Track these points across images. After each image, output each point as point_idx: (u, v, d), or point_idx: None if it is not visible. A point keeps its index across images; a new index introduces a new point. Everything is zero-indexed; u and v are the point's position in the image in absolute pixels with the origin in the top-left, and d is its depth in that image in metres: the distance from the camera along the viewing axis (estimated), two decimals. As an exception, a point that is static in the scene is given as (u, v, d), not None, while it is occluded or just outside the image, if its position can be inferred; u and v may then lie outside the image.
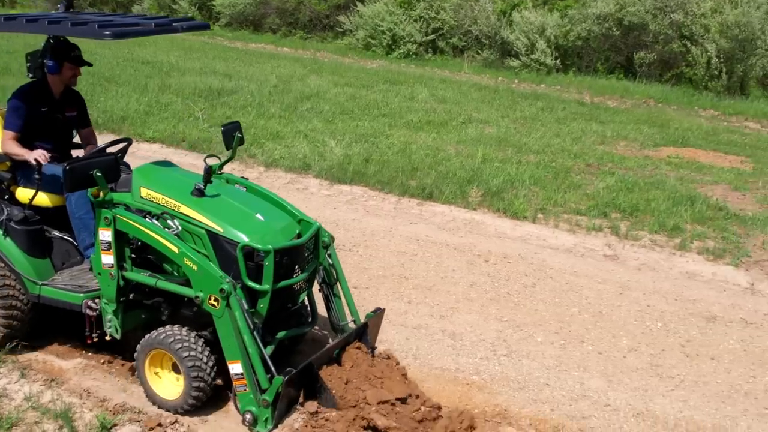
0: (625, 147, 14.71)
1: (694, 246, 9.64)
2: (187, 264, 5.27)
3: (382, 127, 14.88)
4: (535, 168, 12.47)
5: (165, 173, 6.04)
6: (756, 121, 18.52)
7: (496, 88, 20.31)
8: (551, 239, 9.74)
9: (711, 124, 17.51)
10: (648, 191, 11.47)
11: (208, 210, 5.52)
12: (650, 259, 9.30)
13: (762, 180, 12.63)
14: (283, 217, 5.87)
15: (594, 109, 18.46)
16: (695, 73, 21.13)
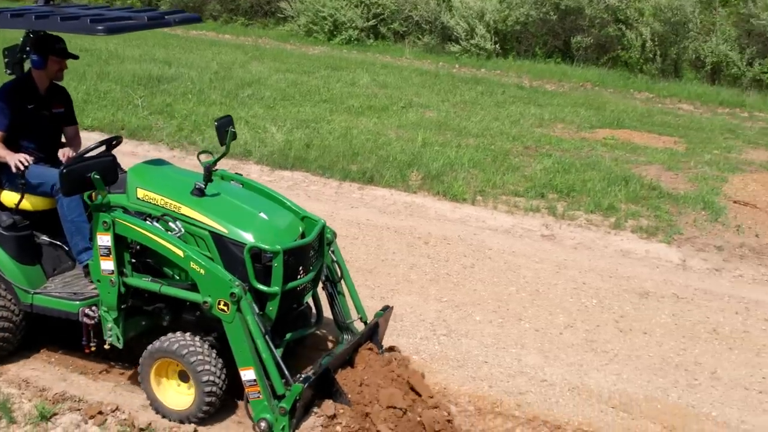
0: (562, 129, 14.95)
1: (629, 225, 9.89)
2: (194, 268, 5.03)
3: (323, 113, 14.92)
4: (475, 151, 12.63)
5: (161, 172, 5.80)
6: (689, 102, 18.93)
7: (436, 73, 20.44)
8: (490, 221, 9.91)
9: (646, 106, 17.86)
10: (584, 172, 11.69)
11: (210, 210, 5.31)
12: (586, 238, 9.52)
13: (694, 160, 12.95)
14: (285, 215, 5.66)
15: (532, 92, 18.69)
16: (630, 57, 21.48)
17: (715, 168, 12.51)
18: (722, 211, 10.43)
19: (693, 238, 9.65)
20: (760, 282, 8.65)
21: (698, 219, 10.18)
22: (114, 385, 5.90)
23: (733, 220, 10.21)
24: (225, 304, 4.92)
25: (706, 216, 10.28)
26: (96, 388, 5.85)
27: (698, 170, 12.36)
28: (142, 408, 5.55)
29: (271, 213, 5.51)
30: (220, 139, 5.97)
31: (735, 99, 19.07)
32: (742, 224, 10.08)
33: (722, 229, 9.97)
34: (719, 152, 13.73)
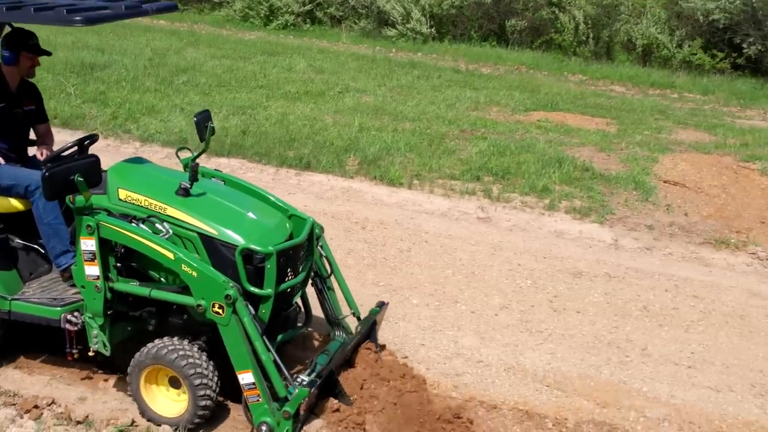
0: (497, 112, 15.09)
1: (562, 206, 10.05)
2: (186, 271, 4.87)
3: (259, 99, 14.82)
4: (411, 135, 12.68)
5: (143, 172, 5.59)
6: (621, 84, 19.25)
7: (373, 58, 20.42)
8: (426, 204, 9.99)
9: (579, 89, 18.11)
10: (519, 155, 11.83)
11: (197, 211, 5.15)
12: (521, 219, 9.66)
13: (625, 141, 13.19)
14: (273, 213, 5.52)
15: (468, 76, 18.80)
16: (564, 40, 21.76)
17: (646, 148, 12.75)
18: (653, 190, 10.66)
19: (625, 218, 9.85)
20: (689, 259, 8.88)
21: (630, 199, 10.39)
22: (49, 378, 5.82)
23: (663, 200, 10.44)
24: (220, 307, 4.78)
25: (637, 196, 10.50)
26: (31, 382, 5.77)
27: (629, 151, 12.58)
28: (79, 401, 5.51)
29: (259, 212, 5.38)
30: (200, 134, 5.83)
31: (665, 80, 19.45)
32: (671, 203, 10.32)
33: (653, 208, 10.19)
34: (650, 133, 13.99)
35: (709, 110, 17.01)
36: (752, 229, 9.88)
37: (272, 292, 4.98)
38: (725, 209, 10.41)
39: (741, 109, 17.63)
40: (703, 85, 19.34)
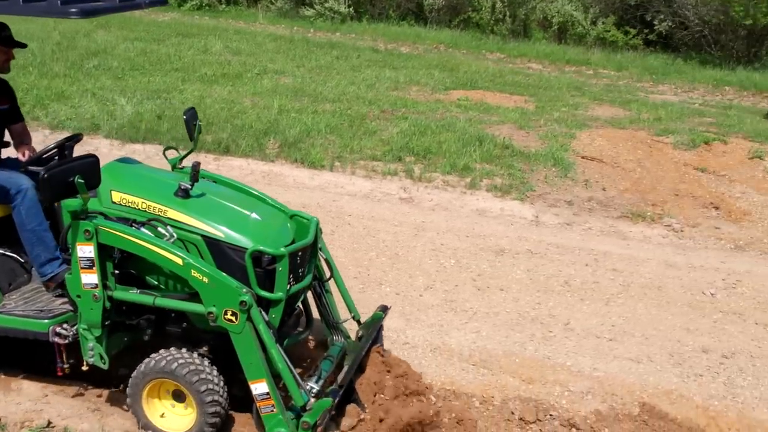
0: (417, 92, 15.12)
1: (484, 184, 10.14)
2: (196, 276, 4.59)
3: (175, 82, 14.55)
4: (331, 116, 12.62)
5: (135, 172, 5.31)
6: (538, 61, 19.50)
7: (291, 38, 20.24)
8: (349, 186, 9.97)
9: (497, 67, 18.27)
10: (440, 134, 11.88)
11: (199, 213, 4.88)
12: (443, 199, 9.72)
13: (544, 118, 13.36)
14: (276, 214, 5.28)
15: (387, 55, 18.79)
16: (481, 18, 21.91)
17: (564, 125, 12.93)
18: (571, 166, 10.83)
19: (545, 195, 9.99)
20: (608, 234, 9.07)
21: (549, 175, 10.54)
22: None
23: (581, 175, 10.62)
24: (233, 314, 4.53)
25: (556, 172, 10.65)
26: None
27: (548, 128, 12.74)
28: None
29: (262, 213, 5.13)
30: (189, 133, 5.55)
31: (580, 57, 19.78)
32: (589, 179, 10.51)
33: (572, 184, 10.36)
34: (567, 110, 14.20)
35: (624, 86, 17.37)
36: (667, 201, 10.14)
37: (283, 296, 4.76)
38: (641, 183, 10.66)
39: (653, 84, 18.05)
40: (617, 61, 19.74)
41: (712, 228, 9.60)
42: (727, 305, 7.49)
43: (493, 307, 7.13)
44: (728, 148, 12.23)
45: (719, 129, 13.43)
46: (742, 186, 11.07)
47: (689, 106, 15.89)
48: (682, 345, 6.66)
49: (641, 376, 6.12)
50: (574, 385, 5.94)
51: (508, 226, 9.05)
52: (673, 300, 7.51)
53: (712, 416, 5.67)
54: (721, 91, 18.58)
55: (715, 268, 8.40)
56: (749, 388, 6.05)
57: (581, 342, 6.60)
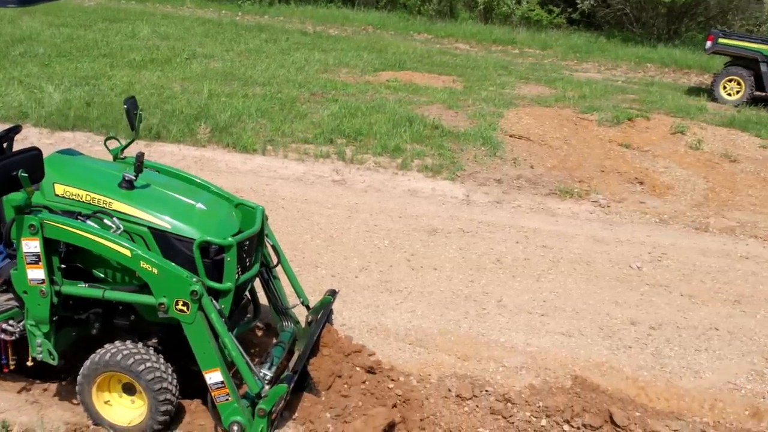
0: (347, 74, 15.14)
1: (415, 164, 10.25)
2: (145, 268, 4.51)
3: (103, 68, 14.31)
4: (262, 100, 12.59)
5: (77, 164, 5.13)
6: (464, 41, 19.69)
7: (219, 22, 20.07)
8: (281, 170, 9.97)
9: (425, 47, 18.39)
10: (370, 115, 11.94)
11: (145, 204, 4.78)
12: (375, 180, 9.79)
13: (472, 97, 13.52)
14: (221, 203, 5.19)
15: (316, 38, 18.76)
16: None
17: (492, 104, 13.12)
18: (500, 145, 11.01)
19: (475, 173, 10.14)
20: (537, 211, 9.26)
21: (478, 155, 10.69)
22: None
23: (510, 154, 10.81)
24: (184, 304, 4.48)
25: (485, 151, 10.81)
26: None
27: (476, 107, 12.91)
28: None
29: (208, 203, 5.03)
30: (131, 122, 5.40)
31: (506, 37, 20.03)
32: (518, 157, 10.70)
33: (501, 162, 10.53)
34: (494, 89, 14.39)
35: (549, 64, 17.66)
36: (593, 178, 10.39)
37: (233, 286, 4.72)
38: (567, 160, 10.89)
39: (578, 62, 18.38)
40: (541, 40, 20.02)
41: (638, 203, 9.88)
42: (653, 278, 7.73)
43: (428, 286, 7.23)
44: (651, 124, 12.57)
45: (642, 105, 13.80)
46: (665, 161, 11.41)
47: (612, 83, 16.26)
48: (611, 318, 6.86)
49: (573, 349, 6.28)
50: (508, 361, 6.07)
51: (440, 206, 9.17)
52: (601, 274, 7.72)
53: (641, 386, 5.85)
54: (643, 68, 19.03)
55: (641, 241, 8.65)
56: (676, 358, 6.26)
57: (514, 318, 6.75)
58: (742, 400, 5.78)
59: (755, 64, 15.86)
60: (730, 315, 7.08)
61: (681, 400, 5.73)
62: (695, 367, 6.15)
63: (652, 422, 5.36)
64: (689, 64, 19.94)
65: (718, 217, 9.62)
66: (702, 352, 6.38)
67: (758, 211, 9.97)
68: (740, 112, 14.57)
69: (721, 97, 15.91)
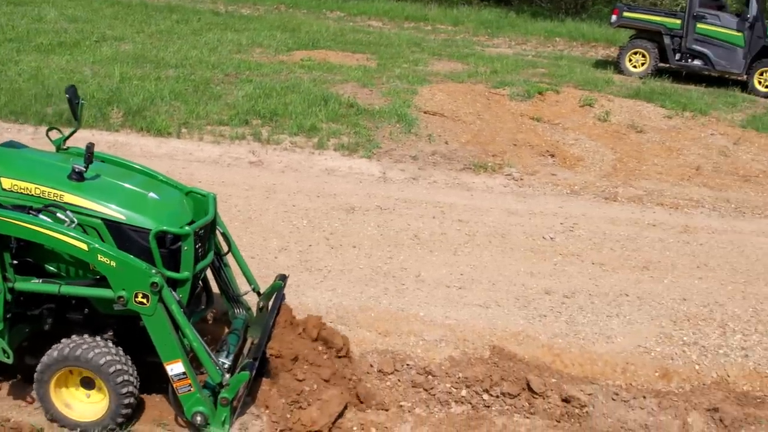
0: (260, 54, 15.06)
1: (331, 143, 10.31)
2: (103, 261, 4.41)
3: (9, 53, 13.89)
4: (175, 82, 12.44)
5: (24, 157, 4.98)
6: (377, 19, 19.75)
7: (129, 3, 19.70)
8: (197, 152, 9.91)
9: (338, 25, 18.39)
10: (285, 95, 11.93)
11: (97, 196, 4.66)
12: (292, 160, 9.82)
13: (386, 75, 13.61)
14: (172, 192, 5.11)
15: (228, 18, 18.59)
16: (319, -24, 21.96)
17: (405, 81, 13.23)
18: (414, 122, 11.14)
19: (391, 151, 10.25)
20: (452, 186, 9.43)
21: (394, 132, 10.80)
22: None
23: (424, 130, 10.95)
24: (144, 296, 4.41)
25: (400, 128, 10.93)
26: None
27: (390, 85, 13.01)
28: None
29: (159, 192, 4.95)
30: (73, 112, 5.30)
31: (418, 13, 20.16)
32: (432, 133, 10.85)
33: (416, 139, 10.67)
34: (408, 66, 14.51)
35: (461, 40, 17.86)
36: (506, 152, 10.61)
37: (190, 275, 4.68)
38: (481, 135, 11.09)
39: (489, 38, 18.63)
40: (453, 16, 20.22)
41: (549, 175, 10.14)
42: (565, 248, 7.98)
43: (347, 264, 7.32)
44: (560, 97, 12.87)
45: (552, 79, 14.10)
46: (575, 133, 11.71)
47: (523, 58, 16.54)
48: (527, 288, 7.07)
49: (490, 320, 6.45)
50: (428, 335, 6.20)
51: (357, 184, 9.26)
52: (516, 246, 7.93)
53: (556, 353, 6.06)
54: (552, 43, 19.41)
55: (554, 213, 8.90)
56: (589, 325, 6.49)
57: (432, 292, 6.88)
58: (652, 362, 6.04)
59: (659, 37, 16.36)
60: (639, 281, 7.37)
61: (594, 365, 5.95)
62: (607, 332, 6.38)
63: (567, 387, 5.59)
64: (596, 38, 20.42)
65: (626, 187, 9.96)
66: (613, 317, 6.63)
67: (664, 180, 10.35)
68: (645, 84, 15.02)
69: (627, 69, 16.36)
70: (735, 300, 7.11)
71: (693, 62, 16.28)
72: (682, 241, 8.45)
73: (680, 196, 9.86)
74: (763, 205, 9.84)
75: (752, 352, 6.21)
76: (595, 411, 5.43)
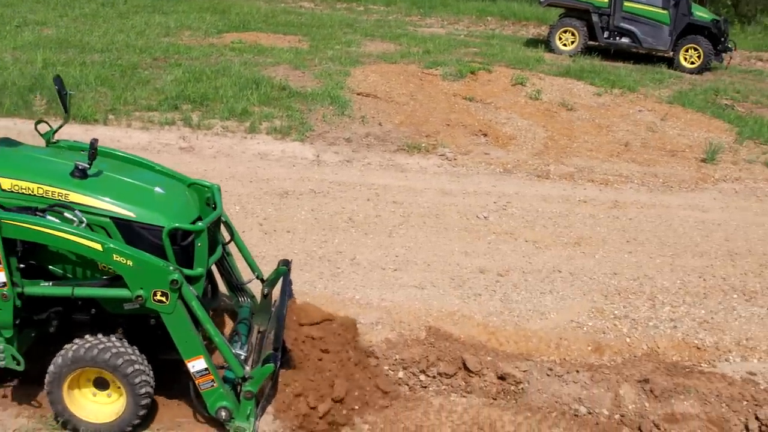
0: (189, 37, 14.83)
1: (263, 127, 10.20)
2: (119, 261, 4.25)
3: None
4: (101, 67, 12.17)
5: (22, 155, 4.76)
6: (309, 0, 19.56)
7: (50, -14, 19.20)
8: (125, 139, 9.72)
9: (269, 7, 18.22)
10: (216, 79, 11.77)
11: (103, 193, 4.49)
12: (224, 145, 9.70)
13: (318, 56, 13.52)
14: (176, 185, 4.96)
15: (156, 0, 18.23)
16: (249, -44, 21.65)
17: (338, 63, 13.16)
18: (348, 104, 11.09)
19: (324, 133, 10.19)
20: (386, 167, 9.42)
21: (327, 114, 10.74)
22: None
23: (358, 112, 10.91)
24: (163, 294, 4.29)
25: (333, 111, 10.87)
26: None
27: (323, 67, 12.92)
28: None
29: (164, 186, 4.81)
30: (63, 104, 5.09)
31: (351, -6, 20.05)
32: (366, 115, 10.81)
33: (349, 121, 10.63)
34: (340, 47, 14.43)
35: (393, 21, 17.83)
36: (439, 132, 10.63)
37: (203, 271, 4.58)
38: (414, 116, 11.09)
39: (421, 18, 18.63)
40: (385, -5, 20.15)
41: (482, 154, 10.19)
42: (499, 226, 8.04)
43: (281, 249, 7.25)
44: (492, 76, 12.94)
45: (484, 58, 14.17)
46: (507, 112, 11.79)
47: (455, 37, 16.58)
48: (462, 268, 7.10)
49: (426, 301, 6.47)
50: (364, 317, 6.17)
51: (290, 168, 9.19)
52: (450, 226, 7.96)
53: (492, 332, 6.10)
54: (484, 22, 19.50)
55: (487, 192, 8.96)
56: (523, 302, 6.56)
57: (368, 275, 6.87)
58: (585, 336, 6.13)
59: (587, 15, 16.55)
60: (571, 257, 7.46)
61: (529, 342, 6.02)
62: (541, 309, 6.46)
63: (503, 365, 5.62)
64: (527, 17, 20.59)
65: (558, 164, 10.06)
66: (546, 294, 6.71)
67: (594, 157, 10.49)
68: (575, 62, 15.19)
69: (557, 47, 16.53)
70: (663, 273, 7.26)
71: (621, 40, 16.51)
72: (613, 216, 8.58)
73: (610, 172, 10.00)
74: (690, 179, 10.05)
75: (681, 323, 6.35)
76: (530, 387, 5.48)
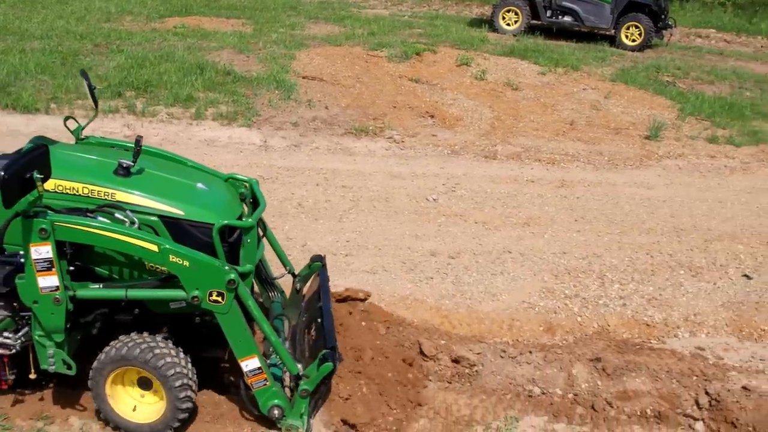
0: (131, 22, 14.61)
1: (209, 113, 10.11)
2: (175, 261, 4.17)
3: None
4: (41, 55, 11.91)
5: (63, 154, 4.55)
6: (251, -18, 19.38)
7: (-18, -30, 18.71)
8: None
9: (211, -10, 18.00)
10: (159, 65, 11.61)
11: (149, 191, 4.42)
12: (170, 132, 9.60)
13: (262, 40, 13.41)
14: (216, 181, 4.87)
15: (94, -16, 17.91)
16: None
17: (283, 46, 13.07)
18: (294, 87, 11.03)
19: (271, 118, 10.13)
20: (334, 151, 9.41)
21: (273, 98, 10.67)
22: None
23: (304, 96, 10.86)
24: (219, 294, 4.22)
25: (279, 95, 10.81)
26: None
27: (267, 50, 12.82)
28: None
29: (205, 182, 4.73)
30: (93, 98, 4.98)
31: (293, -25, 19.86)
32: (312, 98, 10.77)
33: (295, 105, 10.57)
34: (285, 30, 14.34)
35: (337, 3, 17.75)
36: (386, 114, 10.64)
37: (252, 268, 4.54)
38: (361, 98, 11.08)
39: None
40: (329, -23, 20.01)
41: (430, 136, 10.23)
42: (449, 208, 8.09)
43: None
44: (438, 57, 12.97)
45: (429, 39, 14.19)
46: (453, 93, 11.83)
47: (399, 18, 16.57)
48: (413, 251, 7.14)
49: (378, 286, 6.48)
50: (316, 303, 6.21)
51: (238, 154, 9.13)
52: (400, 209, 7.99)
53: (444, 315, 6.16)
54: (428, 2, 19.50)
55: (436, 174, 9.00)
56: (474, 284, 6.62)
57: (320, 260, 6.88)
58: (537, 317, 6.22)
59: (530, -6, 16.65)
60: (521, 237, 7.55)
61: (482, 324, 6.09)
62: (492, 290, 6.53)
63: (456, 348, 5.67)
64: (471, -4, 20.66)
65: (505, 145, 10.15)
66: (498, 275, 6.78)
67: (540, 136, 10.59)
68: (519, 41, 15.29)
69: (501, 27, 16.61)
70: (612, 251, 7.38)
71: (563, 19, 16.65)
72: (560, 195, 8.69)
73: (556, 151, 10.12)
74: (634, 156, 10.21)
75: (630, 300, 6.47)
76: (484, 369, 5.54)
